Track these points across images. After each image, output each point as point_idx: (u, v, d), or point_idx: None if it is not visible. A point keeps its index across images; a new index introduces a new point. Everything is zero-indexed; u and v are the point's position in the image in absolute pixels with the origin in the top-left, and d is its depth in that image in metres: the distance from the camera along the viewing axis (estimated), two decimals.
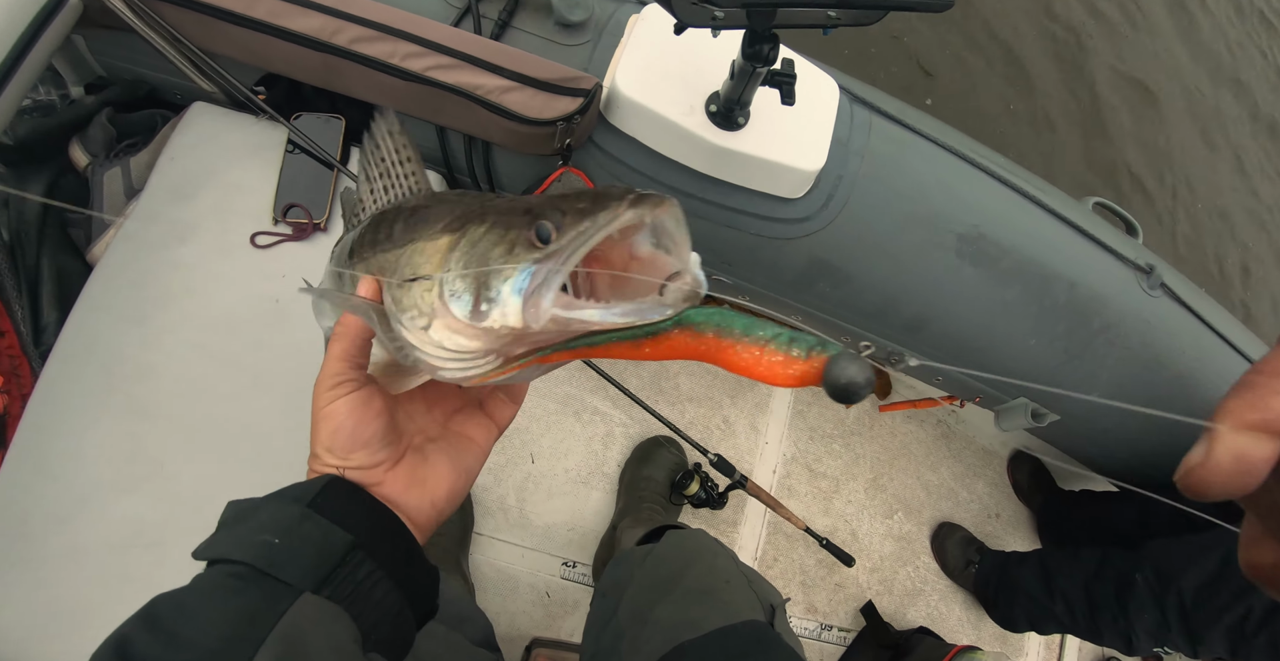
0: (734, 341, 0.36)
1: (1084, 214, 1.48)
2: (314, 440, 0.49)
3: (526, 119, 1.08)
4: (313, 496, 0.45)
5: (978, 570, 1.73)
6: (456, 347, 0.44)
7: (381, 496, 0.49)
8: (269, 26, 1.08)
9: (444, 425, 0.55)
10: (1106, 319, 1.43)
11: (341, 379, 0.49)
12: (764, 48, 0.93)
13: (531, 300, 0.38)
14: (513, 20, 1.20)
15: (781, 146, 1.17)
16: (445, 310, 0.43)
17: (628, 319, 0.37)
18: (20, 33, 0.99)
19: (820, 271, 1.35)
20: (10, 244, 1.13)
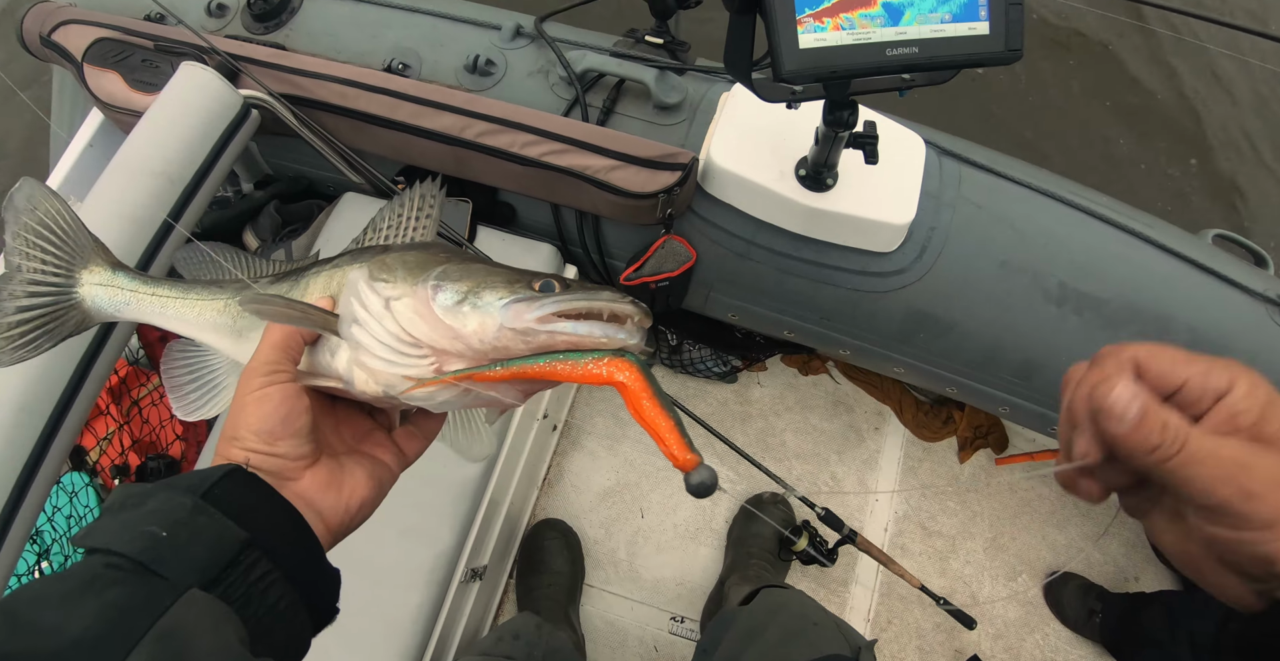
0: (650, 396, 0.43)
1: (1202, 248, 1.42)
2: (237, 423, 0.47)
3: (631, 193, 1.19)
4: (209, 486, 0.42)
5: (1101, 620, 1.61)
6: (405, 331, 0.46)
7: (296, 493, 0.47)
8: (409, 127, 1.26)
9: (353, 444, 0.55)
10: (1236, 357, 1.35)
11: (278, 367, 0.48)
12: (843, 114, 1.00)
13: (515, 310, 0.44)
14: (616, 106, 1.33)
15: (870, 203, 1.22)
16: (424, 294, 0.46)
17: (599, 334, 0.43)
18: (213, 144, 1.19)
19: (919, 322, 1.37)
20: None
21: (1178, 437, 0.37)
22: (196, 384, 0.60)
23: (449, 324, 0.45)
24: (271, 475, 0.47)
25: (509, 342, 0.44)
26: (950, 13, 0.91)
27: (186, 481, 0.43)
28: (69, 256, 0.60)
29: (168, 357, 0.61)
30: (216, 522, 0.41)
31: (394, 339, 0.47)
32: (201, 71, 1.19)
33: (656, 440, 0.43)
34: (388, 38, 1.44)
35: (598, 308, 0.44)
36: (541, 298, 0.45)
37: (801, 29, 0.83)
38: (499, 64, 1.38)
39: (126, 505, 0.42)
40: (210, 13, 1.52)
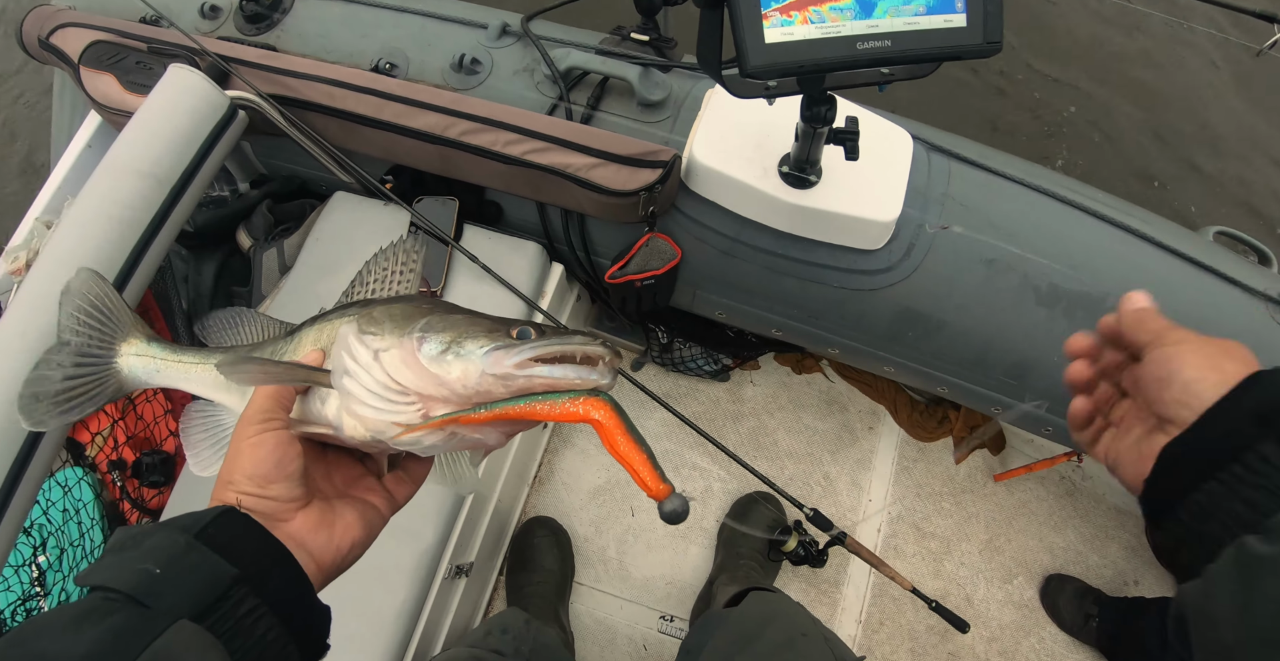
0: (624, 429, 0.47)
1: (1202, 245, 1.39)
2: (232, 468, 0.50)
3: (613, 191, 1.18)
4: (203, 526, 0.45)
5: (1098, 625, 1.58)
6: (392, 380, 0.50)
7: (288, 533, 0.49)
8: (395, 126, 1.27)
9: (343, 490, 0.57)
10: None
11: (271, 416, 0.52)
12: (821, 109, 0.99)
13: (495, 357, 0.48)
14: (600, 104, 1.33)
15: (855, 200, 1.21)
16: (411, 345, 0.50)
17: (573, 376, 0.47)
18: (200, 143, 1.21)
19: (909, 321, 1.36)
20: (188, 313, 1.35)
21: (1163, 326, 0.53)
22: (209, 441, 0.66)
23: (434, 372, 0.49)
24: (264, 516, 0.49)
25: (490, 387, 0.48)
26: (925, 5, 0.89)
27: (183, 522, 0.45)
28: (111, 332, 0.69)
29: (186, 418, 0.68)
30: (208, 559, 0.43)
31: (382, 387, 0.50)
32: (189, 73, 1.21)
33: (631, 473, 0.47)
34: (377, 38, 1.45)
35: (571, 351, 0.48)
36: (519, 344, 0.48)
37: (768, 23, 0.82)
38: (485, 63, 1.38)
39: (126, 545, 0.44)
40: (204, 14, 1.53)
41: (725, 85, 0.94)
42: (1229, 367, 0.48)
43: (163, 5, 1.51)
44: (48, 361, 0.67)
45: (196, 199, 1.22)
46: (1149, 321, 0.53)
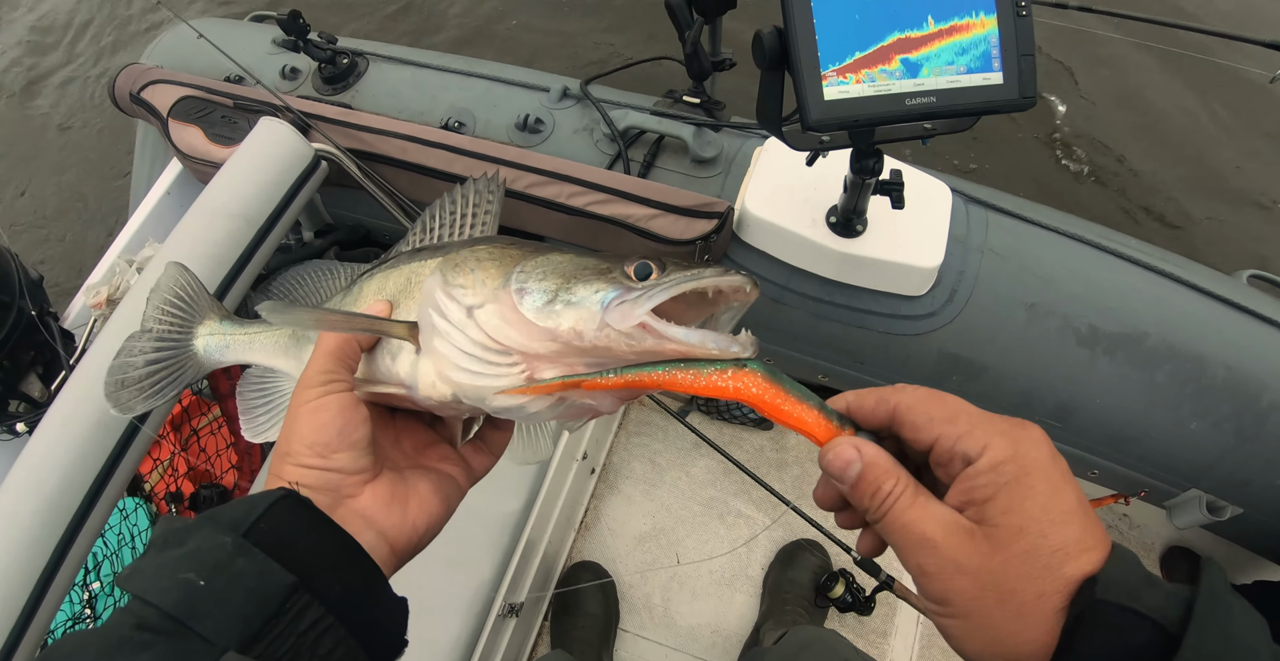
0: (784, 393, 0.42)
1: (1237, 288, 1.43)
2: (290, 437, 0.44)
3: (670, 240, 1.25)
4: (254, 521, 0.39)
5: None
6: (492, 340, 0.44)
7: (356, 511, 0.44)
8: (464, 179, 1.35)
9: (416, 458, 0.51)
10: (1275, 395, 1.33)
11: (333, 376, 0.46)
12: (869, 162, 1.06)
13: (621, 308, 0.41)
14: (656, 160, 1.42)
15: (899, 248, 1.27)
16: (509, 299, 0.44)
17: (712, 346, 0.41)
18: (287, 188, 1.30)
19: (952, 365, 1.39)
20: None
21: (884, 505, 0.39)
22: (266, 406, 0.64)
23: (543, 326, 0.42)
24: (328, 492, 0.43)
25: (611, 342, 0.41)
26: (965, 65, 0.97)
27: (231, 513, 0.39)
28: (190, 317, 0.68)
29: (244, 382, 0.66)
30: (258, 565, 0.37)
31: (480, 348, 0.44)
32: (279, 125, 1.31)
33: (803, 431, 0.42)
34: (445, 99, 1.56)
35: (704, 286, 0.42)
36: (644, 289, 0.42)
37: (826, 83, 0.90)
38: (547, 122, 1.48)
39: (169, 542, 0.39)
40: (284, 76, 1.66)
41: (784, 139, 1.01)
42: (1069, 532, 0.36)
43: (248, 65, 1.65)
44: (129, 348, 0.66)
45: (278, 241, 1.31)
46: (862, 498, 0.41)
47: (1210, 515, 1.42)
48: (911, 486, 0.39)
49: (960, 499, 0.38)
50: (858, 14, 0.93)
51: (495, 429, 0.55)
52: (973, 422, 0.38)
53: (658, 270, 0.43)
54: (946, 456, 0.39)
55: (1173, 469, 1.42)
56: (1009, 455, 0.37)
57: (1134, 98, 3.02)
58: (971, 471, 0.37)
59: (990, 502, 0.36)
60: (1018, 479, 0.36)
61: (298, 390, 0.46)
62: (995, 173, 2.77)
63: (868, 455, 0.39)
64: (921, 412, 0.40)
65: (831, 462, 0.40)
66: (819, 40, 0.91)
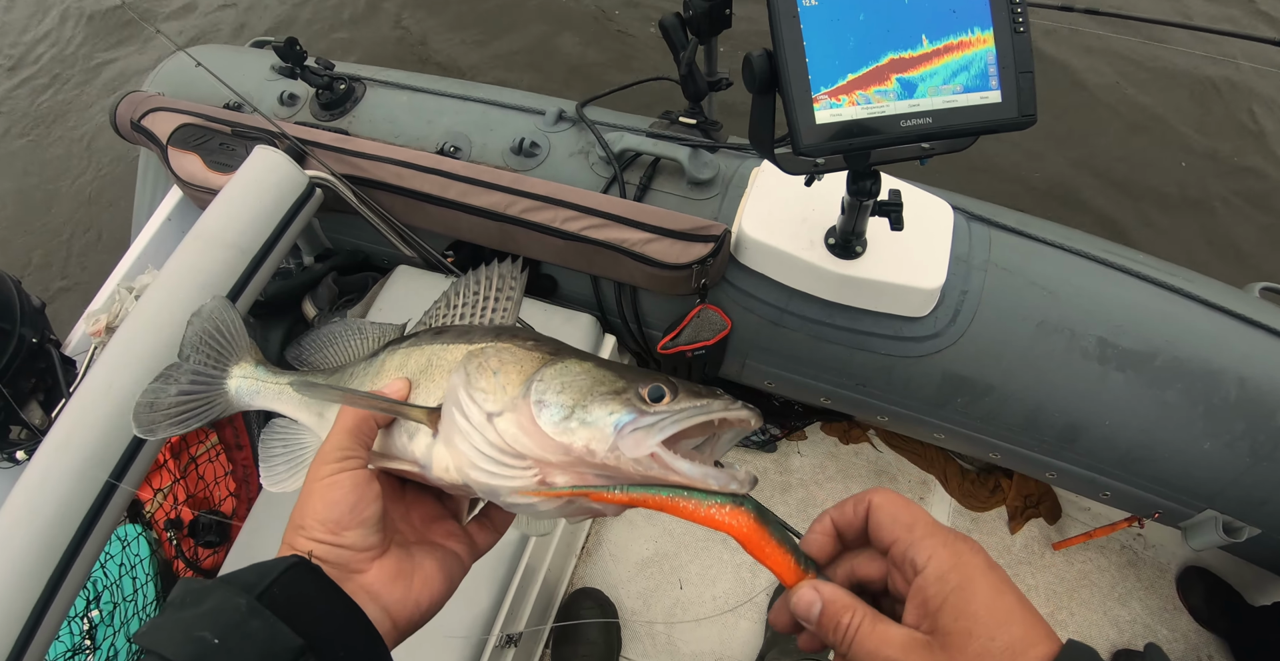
0: (769, 537, 0.45)
1: (1248, 301, 1.40)
2: (303, 512, 0.46)
3: (666, 265, 1.24)
4: (267, 584, 0.41)
5: None
6: (509, 446, 0.46)
7: (362, 586, 0.46)
8: (459, 204, 1.35)
9: (423, 532, 0.53)
10: None
11: (349, 454, 0.48)
12: (866, 183, 1.05)
13: (634, 436, 0.44)
14: (652, 183, 1.41)
15: (899, 268, 1.25)
16: (527, 410, 0.46)
17: (714, 483, 0.44)
18: (281, 216, 1.30)
19: (957, 386, 1.36)
20: None
21: (847, 636, 0.42)
22: (286, 457, 0.65)
23: (558, 440, 0.45)
24: (337, 567, 0.45)
25: (621, 464, 0.44)
26: (963, 84, 0.95)
27: (246, 577, 0.42)
28: (227, 355, 0.71)
29: (268, 432, 0.69)
30: (270, 627, 0.39)
31: (496, 451, 0.47)
32: (273, 153, 1.31)
33: (775, 572, 0.46)
34: (441, 123, 1.56)
35: (713, 419, 0.46)
36: (656, 418, 0.45)
37: (818, 106, 0.89)
38: (543, 145, 1.48)
39: (186, 602, 0.41)
40: (282, 102, 1.67)
41: (777, 163, 0.99)
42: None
43: (246, 92, 1.66)
44: (167, 376, 0.69)
45: (273, 269, 1.30)
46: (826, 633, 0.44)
47: (1227, 536, 1.38)
48: (869, 615, 0.42)
49: (917, 612, 0.41)
50: (850, 35, 0.91)
51: (501, 510, 0.57)
52: (925, 532, 0.43)
53: (670, 394, 0.46)
54: (900, 559, 0.43)
55: (1187, 489, 1.38)
56: (952, 565, 0.40)
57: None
58: (920, 581, 0.41)
59: (940, 611, 0.40)
60: (961, 586, 0.40)
61: (314, 464, 0.48)
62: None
63: (825, 594, 0.44)
64: (887, 513, 0.44)
65: (795, 605, 0.44)
66: (809, 62, 0.90)
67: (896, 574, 0.44)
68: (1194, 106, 2.94)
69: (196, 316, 0.72)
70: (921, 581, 0.41)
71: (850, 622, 0.42)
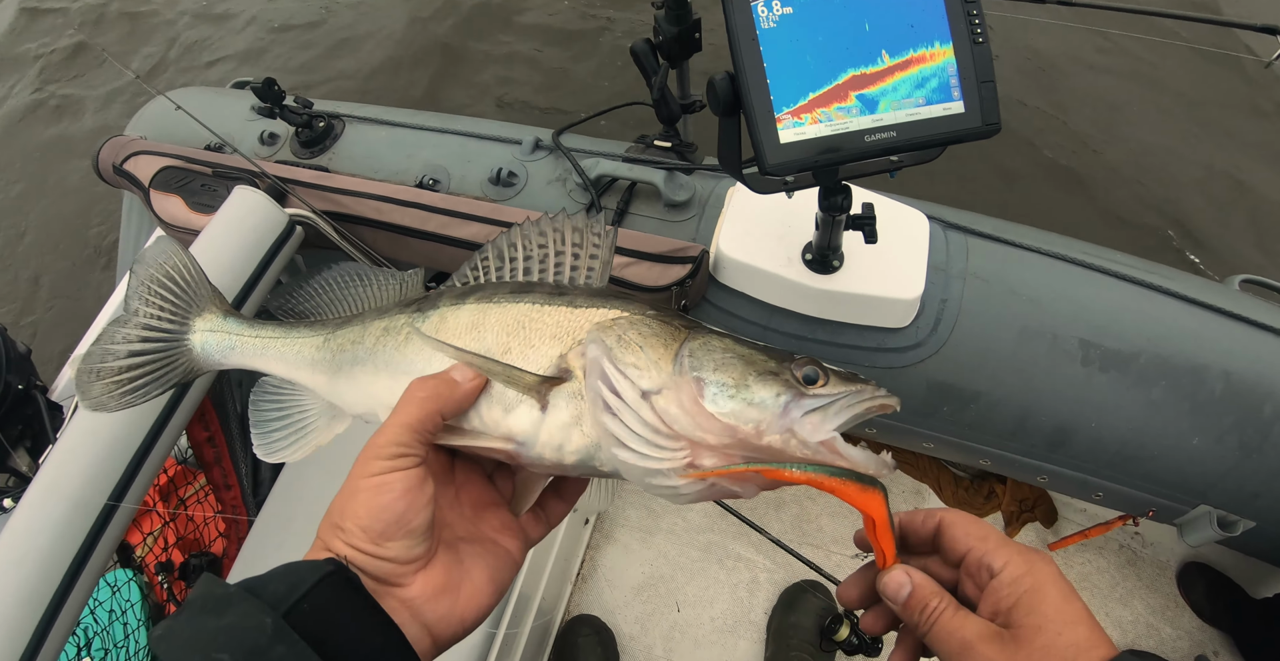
0: (889, 521, 0.48)
1: (1229, 295, 1.41)
2: (344, 511, 0.42)
3: (646, 288, 1.25)
4: (296, 599, 0.37)
5: None
6: (667, 426, 0.44)
7: (404, 601, 0.41)
8: (439, 236, 1.37)
9: (474, 522, 0.49)
10: (1279, 399, 1.30)
11: (405, 450, 0.43)
12: (837, 199, 1.06)
13: (809, 420, 0.45)
14: (630, 207, 1.42)
15: (878, 281, 1.26)
16: (689, 389, 0.44)
17: (873, 467, 0.45)
18: (262, 255, 1.30)
19: (943, 395, 1.37)
20: (242, 415, 1.41)
21: (930, 618, 0.47)
22: (284, 422, 0.58)
23: (725, 422, 0.44)
24: (376, 579, 0.41)
25: (788, 446, 0.44)
26: (924, 96, 0.97)
27: (275, 587, 0.37)
28: (185, 305, 0.61)
29: (257, 392, 0.60)
30: (296, 653, 0.35)
31: (650, 431, 0.44)
32: (252, 193, 1.32)
33: (879, 556, 0.50)
34: (420, 156, 1.58)
35: (874, 408, 0.47)
36: (826, 402, 0.46)
37: (781, 125, 0.90)
38: (520, 175, 1.50)
39: (206, 608, 0.37)
40: (263, 141, 1.69)
41: (747, 183, 1.01)
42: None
43: (226, 133, 1.68)
44: (111, 334, 0.58)
45: (257, 306, 1.31)
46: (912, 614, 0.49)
47: (1222, 531, 1.38)
48: (952, 604, 0.47)
49: (990, 609, 0.46)
50: (809, 55, 0.93)
51: (559, 499, 0.54)
52: (998, 542, 0.48)
53: (824, 376, 0.47)
54: (975, 566, 0.48)
55: (1179, 486, 1.38)
56: (1026, 569, 0.45)
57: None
58: (996, 583, 0.46)
59: (1014, 608, 0.44)
60: (1034, 588, 0.44)
61: (363, 457, 0.43)
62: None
63: (917, 580, 0.49)
64: (961, 528, 0.50)
65: (887, 585, 0.49)
66: (771, 83, 0.91)
67: (969, 581, 0.49)
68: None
69: (139, 263, 0.61)
70: (997, 583, 0.46)
71: (936, 606, 0.47)
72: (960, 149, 1.04)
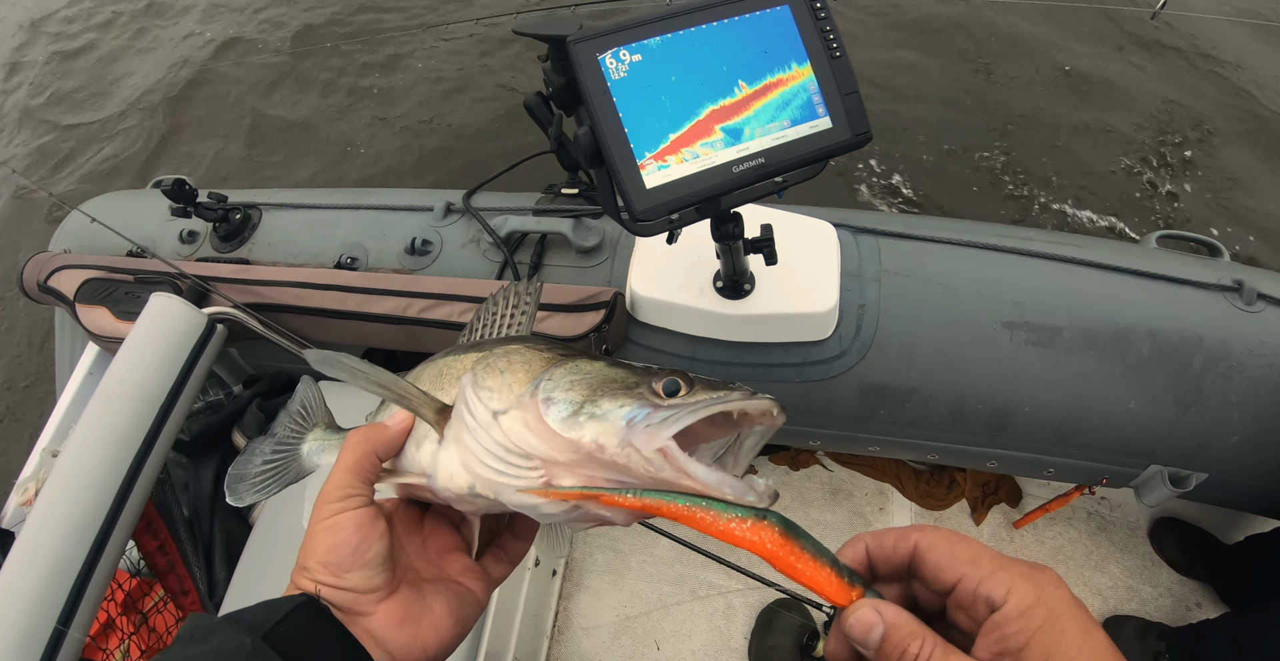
0: (800, 551, 0.41)
1: (1146, 254, 1.43)
2: (307, 553, 0.46)
3: (563, 339, 1.26)
4: (274, 624, 0.41)
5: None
6: (515, 445, 0.45)
7: (367, 629, 0.45)
8: (360, 314, 1.38)
9: (439, 566, 0.52)
10: (1208, 353, 1.32)
11: (352, 491, 0.47)
12: (728, 227, 1.09)
13: (646, 431, 0.42)
14: (543, 260, 1.44)
15: (791, 298, 1.28)
16: (534, 408, 0.45)
17: (729, 492, 0.41)
18: (184, 361, 1.31)
19: (877, 397, 1.39)
20: (190, 519, 1.40)
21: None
22: (262, 477, 0.69)
23: (566, 436, 0.43)
24: (341, 609, 0.44)
25: (631, 462, 0.42)
26: (789, 118, 0.99)
27: (252, 616, 0.42)
28: (306, 425, 0.75)
29: (261, 441, 0.73)
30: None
31: (502, 450, 0.45)
32: (167, 299, 1.33)
33: (815, 591, 0.42)
34: (337, 236, 1.60)
35: (730, 409, 0.43)
36: (670, 410, 0.43)
37: (645, 171, 0.92)
38: (435, 241, 1.52)
39: (194, 638, 0.41)
40: (183, 240, 1.70)
41: (630, 229, 1.03)
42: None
43: (145, 238, 1.69)
44: (252, 448, 0.74)
45: (186, 411, 1.31)
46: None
47: (1175, 487, 1.39)
48: (940, 646, 0.38)
49: (993, 649, 0.37)
50: (665, 97, 0.95)
51: (515, 538, 0.56)
52: (995, 565, 0.38)
53: (686, 387, 0.44)
54: (969, 598, 0.38)
55: (1125, 450, 1.41)
56: (1035, 599, 0.37)
57: None
58: (1000, 618, 0.37)
59: (1026, 651, 0.36)
60: (1049, 623, 0.36)
61: (317, 505, 0.46)
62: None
63: (889, 617, 0.39)
64: (944, 552, 0.40)
65: (853, 627, 0.40)
66: (629, 132, 0.93)
67: (961, 613, 0.40)
68: None
69: (294, 398, 0.78)
70: (1001, 618, 0.37)
71: (919, 653, 0.38)
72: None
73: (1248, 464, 1.38)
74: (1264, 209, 2.84)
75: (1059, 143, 3.02)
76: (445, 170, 3.24)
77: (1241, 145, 3.03)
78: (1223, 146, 3.03)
